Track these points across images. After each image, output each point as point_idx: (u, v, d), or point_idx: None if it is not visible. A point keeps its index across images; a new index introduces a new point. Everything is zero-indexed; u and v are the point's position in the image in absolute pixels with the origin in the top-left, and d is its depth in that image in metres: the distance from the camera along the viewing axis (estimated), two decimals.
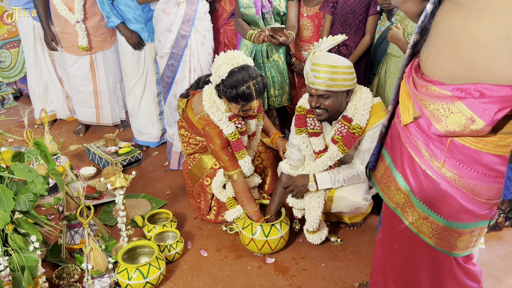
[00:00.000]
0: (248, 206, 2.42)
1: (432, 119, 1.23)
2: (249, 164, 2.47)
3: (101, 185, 2.99)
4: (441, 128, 1.21)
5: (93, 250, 2.01)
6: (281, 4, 2.82)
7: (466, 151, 1.22)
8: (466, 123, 1.16)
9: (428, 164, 1.29)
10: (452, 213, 1.31)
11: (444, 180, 1.27)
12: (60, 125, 4.10)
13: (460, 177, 1.24)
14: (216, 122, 2.38)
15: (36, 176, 1.71)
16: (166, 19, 2.87)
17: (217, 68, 2.28)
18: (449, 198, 1.28)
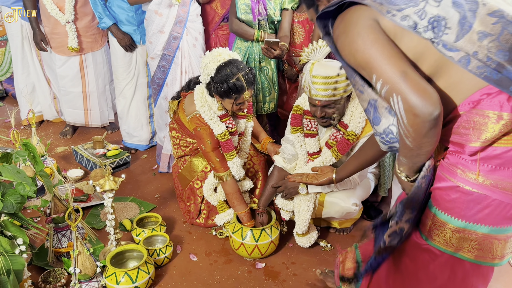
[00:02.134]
0: (239, 207, 2.41)
1: (462, 141, 1.21)
2: (238, 166, 2.46)
3: (88, 187, 2.95)
4: (476, 144, 1.18)
5: (81, 253, 1.98)
6: (276, 13, 2.84)
7: (501, 154, 1.18)
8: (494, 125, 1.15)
9: (463, 179, 1.24)
10: (495, 219, 1.25)
11: (485, 189, 1.22)
12: (47, 126, 4.04)
13: (501, 180, 1.20)
14: (207, 121, 2.37)
15: (24, 177, 1.68)
16: (158, 20, 2.86)
17: (204, 67, 2.29)
18: (492, 203, 1.23)
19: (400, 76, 1.13)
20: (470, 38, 1.14)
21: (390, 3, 1.19)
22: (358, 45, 1.20)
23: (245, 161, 2.65)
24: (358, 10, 1.23)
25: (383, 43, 1.18)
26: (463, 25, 1.14)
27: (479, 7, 1.15)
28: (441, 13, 1.16)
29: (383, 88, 1.16)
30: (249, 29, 2.86)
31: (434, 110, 1.10)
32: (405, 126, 1.14)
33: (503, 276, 2.28)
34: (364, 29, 1.20)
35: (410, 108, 1.11)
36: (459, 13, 1.15)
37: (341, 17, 1.27)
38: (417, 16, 1.17)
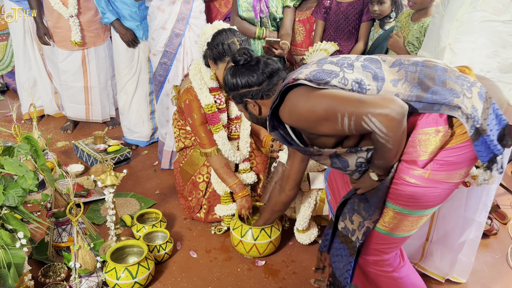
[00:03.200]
0: (229, 180, 2.43)
1: (413, 158, 1.45)
2: (225, 139, 2.46)
3: (89, 183, 2.94)
4: (424, 157, 1.42)
5: (82, 248, 1.98)
6: (278, 11, 2.84)
7: (444, 156, 1.45)
8: (435, 138, 1.40)
9: (415, 176, 1.49)
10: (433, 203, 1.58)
11: (433, 183, 1.50)
12: (48, 121, 4.04)
13: (446, 174, 1.49)
14: (197, 90, 2.41)
15: (26, 171, 1.68)
16: (160, 17, 2.85)
17: (202, 35, 2.36)
18: (435, 192, 1.53)
19: (359, 103, 1.35)
20: (387, 86, 1.43)
21: (318, 79, 1.45)
22: (312, 103, 1.44)
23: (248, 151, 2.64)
24: (297, 89, 1.50)
25: (330, 91, 1.43)
26: (378, 79, 1.44)
27: (381, 63, 1.49)
28: (358, 76, 1.44)
29: (351, 119, 1.36)
30: (250, 27, 2.86)
31: (402, 105, 1.33)
32: (386, 135, 1.34)
33: (502, 278, 2.29)
34: (309, 92, 1.46)
35: (385, 116, 1.31)
36: (371, 73, 1.46)
37: (286, 100, 1.52)
38: (342, 84, 1.43)
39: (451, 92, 1.39)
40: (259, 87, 1.67)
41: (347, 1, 2.75)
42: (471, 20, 1.86)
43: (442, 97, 1.38)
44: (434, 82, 1.42)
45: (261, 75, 1.67)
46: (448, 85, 1.41)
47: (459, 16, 1.90)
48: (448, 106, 1.38)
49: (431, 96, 1.39)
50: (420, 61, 1.49)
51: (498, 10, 1.78)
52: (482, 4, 1.81)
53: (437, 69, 1.46)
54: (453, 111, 1.37)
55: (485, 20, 1.83)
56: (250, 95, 1.69)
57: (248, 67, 1.69)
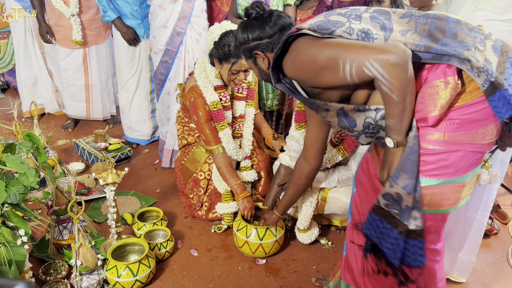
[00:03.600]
0: (231, 180, 2.44)
1: (423, 115, 1.37)
2: (229, 137, 2.48)
3: (89, 181, 2.94)
4: (435, 112, 1.34)
5: (83, 246, 1.98)
6: (278, 9, 2.83)
7: (460, 114, 1.37)
8: (445, 91, 1.32)
9: (432, 141, 1.41)
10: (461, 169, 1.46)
11: (452, 145, 1.40)
12: (48, 119, 4.04)
13: (464, 134, 1.39)
14: (202, 88, 2.42)
15: (28, 168, 1.68)
16: (162, 15, 2.85)
17: (210, 33, 2.38)
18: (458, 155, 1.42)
19: (362, 48, 1.31)
20: (395, 36, 1.36)
21: (322, 28, 1.40)
22: (313, 52, 1.40)
23: (250, 150, 2.65)
24: (300, 39, 1.45)
25: (332, 40, 1.38)
26: (385, 30, 1.38)
27: (391, 15, 1.42)
28: (364, 26, 1.39)
29: (353, 65, 1.31)
30: None
31: (404, 50, 1.27)
32: (388, 81, 1.28)
33: (503, 277, 2.29)
34: (312, 41, 1.42)
35: (386, 61, 1.26)
36: (379, 23, 1.39)
37: (289, 51, 1.48)
38: (347, 34, 1.38)
39: (462, 44, 1.32)
40: (269, 39, 1.64)
41: (349, 0, 2.75)
42: (473, 19, 1.87)
43: (452, 49, 1.31)
44: (444, 34, 1.35)
45: (273, 27, 1.63)
46: (459, 37, 1.34)
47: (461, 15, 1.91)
48: (457, 58, 1.31)
49: (441, 47, 1.32)
50: (431, 13, 1.41)
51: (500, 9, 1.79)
52: (484, 4, 1.81)
53: (449, 21, 1.38)
54: (462, 64, 1.30)
55: (487, 19, 1.83)
56: (260, 48, 1.65)
57: (260, 20, 1.65)
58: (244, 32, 1.67)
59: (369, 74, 1.29)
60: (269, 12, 1.67)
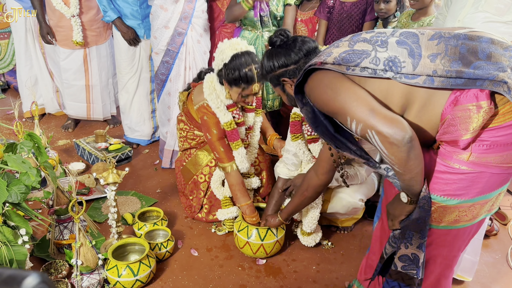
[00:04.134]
0: (242, 200, 2.41)
1: (454, 137, 1.32)
2: (243, 157, 2.45)
3: (90, 181, 2.95)
4: (467, 136, 1.28)
5: (83, 245, 1.98)
6: (278, 9, 2.84)
7: (489, 136, 1.31)
8: (477, 115, 1.25)
9: (458, 161, 1.36)
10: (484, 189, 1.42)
11: (478, 166, 1.35)
12: (49, 119, 4.04)
13: (492, 156, 1.34)
14: (214, 109, 2.38)
15: (29, 167, 1.68)
16: (163, 15, 2.86)
17: (220, 52, 2.30)
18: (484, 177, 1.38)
19: (369, 113, 1.27)
20: (424, 63, 1.30)
21: (347, 61, 1.35)
22: (329, 95, 1.36)
23: (255, 157, 2.65)
24: (322, 71, 1.40)
25: (349, 88, 1.34)
26: (414, 56, 1.32)
27: (419, 37, 1.35)
28: (391, 54, 1.33)
29: (358, 127, 1.30)
30: (235, 6, 2.80)
31: (405, 134, 1.23)
32: (388, 156, 1.27)
33: (502, 278, 2.29)
34: (331, 80, 1.37)
35: (385, 138, 1.24)
36: (406, 49, 1.33)
37: (310, 80, 1.44)
38: (373, 64, 1.33)
39: (497, 66, 1.25)
40: (295, 65, 1.65)
41: (350, 1, 2.76)
42: (473, 21, 1.88)
43: (486, 72, 1.24)
44: (477, 56, 1.28)
45: (298, 53, 1.64)
46: (493, 58, 1.27)
47: (461, 17, 1.91)
48: (492, 81, 1.23)
49: (473, 71, 1.25)
50: (462, 33, 1.34)
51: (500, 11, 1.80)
52: (484, 5, 1.82)
53: (482, 40, 1.31)
54: (498, 86, 1.23)
55: (487, 21, 1.84)
56: (287, 75, 1.66)
57: (285, 47, 1.66)
58: (270, 60, 1.67)
59: (369, 141, 1.29)
60: (293, 38, 1.68)
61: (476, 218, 1.44)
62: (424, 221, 1.39)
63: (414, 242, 1.42)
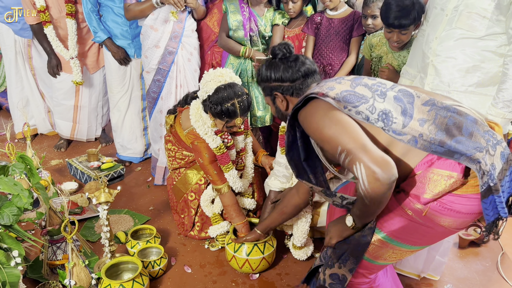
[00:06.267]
0: (237, 219, 2.43)
1: (418, 193, 1.43)
2: (235, 178, 2.49)
3: (83, 200, 2.95)
4: (428, 195, 1.40)
5: (76, 265, 1.99)
6: (266, 29, 2.91)
7: (447, 201, 1.43)
8: (446, 181, 1.38)
9: (412, 208, 1.48)
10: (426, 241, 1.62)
11: (428, 221, 1.49)
12: (41, 139, 4.05)
13: (444, 217, 1.46)
14: (202, 136, 2.41)
15: (21, 189, 1.70)
16: (153, 35, 2.91)
17: (204, 84, 2.33)
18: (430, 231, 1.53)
19: (361, 148, 1.34)
20: (413, 125, 1.41)
21: (347, 101, 1.44)
22: (325, 122, 1.43)
23: (252, 177, 2.68)
24: (322, 101, 1.48)
25: (346, 120, 1.42)
26: (406, 115, 1.42)
27: (415, 99, 1.46)
28: (387, 107, 1.43)
29: (347, 158, 1.37)
30: (235, 45, 2.92)
31: (392, 175, 1.31)
32: (366, 189, 1.34)
33: (493, 286, 2.32)
34: (330, 110, 1.45)
35: (372, 173, 1.31)
36: (401, 107, 1.43)
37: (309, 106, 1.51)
38: (368, 111, 1.43)
39: (475, 145, 1.37)
40: (291, 83, 1.67)
41: (338, 17, 2.82)
42: (449, 37, 1.94)
43: (465, 148, 1.36)
44: (460, 131, 1.40)
45: (296, 73, 1.66)
46: (474, 137, 1.39)
47: (438, 33, 1.97)
48: (468, 157, 1.35)
49: (454, 145, 1.37)
50: (452, 106, 1.46)
51: (473, 27, 1.86)
52: (457, 22, 1.88)
53: (468, 118, 1.43)
54: (472, 163, 1.35)
55: (463, 37, 1.90)
56: (280, 90, 1.69)
57: (286, 62, 1.68)
58: (267, 70, 1.71)
59: (355, 173, 1.36)
60: (295, 56, 1.70)
61: (396, 261, 1.64)
62: (363, 249, 1.53)
63: (348, 265, 1.55)
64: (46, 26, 3.25)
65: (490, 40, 1.88)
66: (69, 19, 3.25)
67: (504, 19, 1.85)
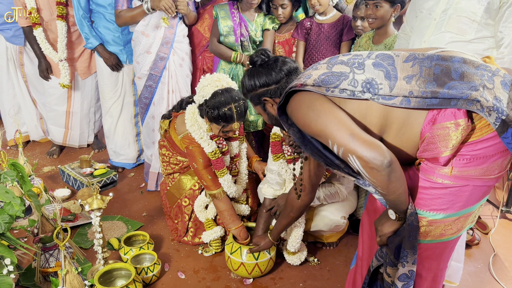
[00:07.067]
0: (232, 224, 2.43)
1: (434, 155, 1.35)
2: (230, 183, 2.49)
3: (75, 207, 2.94)
4: (446, 153, 1.33)
5: (69, 272, 1.99)
6: (257, 34, 2.93)
7: (469, 150, 1.35)
8: (456, 132, 1.30)
9: (441, 175, 1.39)
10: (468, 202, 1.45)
11: (460, 180, 1.39)
12: (34, 146, 4.04)
13: (473, 169, 1.37)
14: (198, 140, 2.41)
15: (13, 197, 1.69)
16: (145, 41, 2.91)
17: (201, 89, 2.33)
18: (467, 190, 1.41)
19: (349, 138, 1.30)
20: (400, 85, 1.34)
21: (326, 83, 1.39)
22: (310, 117, 1.39)
23: (246, 183, 2.69)
24: (303, 93, 1.43)
25: (330, 110, 1.37)
26: (390, 78, 1.36)
27: (394, 59, 1.39)
28: (368, 76, 1.37)
29: (339, 150, 1.33)
30: (226, 51, 2.93)
31: (383, 159, 1.26)
32: (369, 179, 1.31)
33: (485, 287, 2.34)
34: (312, 102, 1.40)
35: (365, 163, 1.27)
36: (382, 71, 1.37)
37: (291, 102, 1.46)
38: (351, 86, 1.37)
39: (469, 85, 1.30)
40: (277, 85, 1.67)
41: (328, 22, 2.84)
42: (439, 42, 1.95)
43: (459, 92, 1.29)
44: (450, 76, 1.32)
45: (279, 73, 1.66)
46: (466, 78, 1.31)
47: (427, 37, 1.99)
48: (465, 100, 1.28)
49: (448, 91, 1.30)
50: (435, 54, 1.39)
51: (462, 31, 1.88)
52: (446, 26, 1.89)
53: (454, 60, 1.35)
54: (471, 105, 1.28)
55: (453, 41, 1.91)
56: (268, 94, 1.68)
57: (266, 66, 1.69)
58: (251, 79, 1.70)
59: (351, 164, 1.32)
60: (274, 58, 1.70)
61: (461, 231, 1.47)
62: (415, 237, 1.43)
63: (409, 259, 1.45)
64: (36, 28, 3.24)
65: (478, 43, 1.91)
66: (60, 21, 3.23)
67: (493, 23, 1.87)
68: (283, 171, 2.39)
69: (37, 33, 3.25)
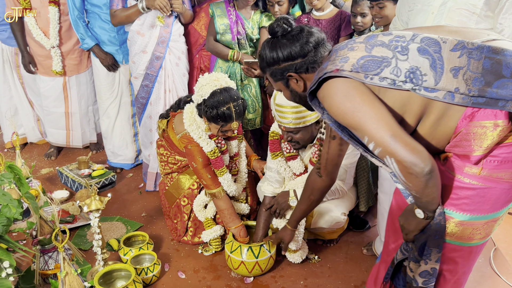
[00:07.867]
0: (232, 223, 2.43)
1: (466, 152, 1.30)
2: (229, 181, 2.49)
3: (74, 208, 2.93)
4: (479, 152, 1.27)
5: (69, 274, 1.97)
6: (254, 32, 2.91)
7: (502, 152, 1.28)
8: (493, 132, 1.24)
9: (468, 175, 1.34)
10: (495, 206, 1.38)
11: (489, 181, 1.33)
12: (31, 148, 4.02)
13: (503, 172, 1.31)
14: (196, 139, 2.40)
15: (10, 199, 1.68)
16: (140, 41, 2.90)
17: (200, 88, 2.32)
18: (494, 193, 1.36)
19: (391, 139, 1.22)
20: (446, 78, 1.24)
21: (366, 69, 1.27)
22: (347, 107, 1.28)
23: (246, 181, 2.68)
24: (338, 79, 1.31)
25: (371, 104, 1.26)
26: (436, 69, 1.25)
27: (441, 46, 1.27)
28: (413, 65, 1.26)
29: (376, 149, 1.25)
30: (223, 49, 2.92)
31: (425, 166, 1.20)
32: (405, 182, 1.25)
33: (486, 281, 2.33)
34: (350, 91, 1.28)
35: (404, 168, 1.21)
36: (428, 60, 1.25)
37: (325, 87, 1.34)
38: (393, 75, 1.26)
39: None
40: (303, 58, 1.45)
41: (325, 18, 2.83)
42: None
43: (510, 92, 1.19)
44: (500, 72, 1.21)
45: (305, 45, 1.45)
46: None
47: None
48: None
49: (496, 91, 1.20)
50: (485, 45, 1.25)
51: (463, 23, 1.86)
52: (446, 19, 1.88)
53: (506, 54, 1.23)
54: None
55: None
56: (293, 69, 1.47)
57: (290, 37, 1.46)
58: (272, 51, 1.48)
59: (387, 164, 1.26)
60: (299, 28, 1.49)
61: (488, 236, 1.42)
62: (442, 236, 1.38)
63: (433, 257, 1.41)
64: (26, 13, 3.15)
65: None
66: (52, 7, 3.16)
67: (492, 15, 1.85)
68: (282, 169, 2.38)
69: (28, 19, 3.18)
